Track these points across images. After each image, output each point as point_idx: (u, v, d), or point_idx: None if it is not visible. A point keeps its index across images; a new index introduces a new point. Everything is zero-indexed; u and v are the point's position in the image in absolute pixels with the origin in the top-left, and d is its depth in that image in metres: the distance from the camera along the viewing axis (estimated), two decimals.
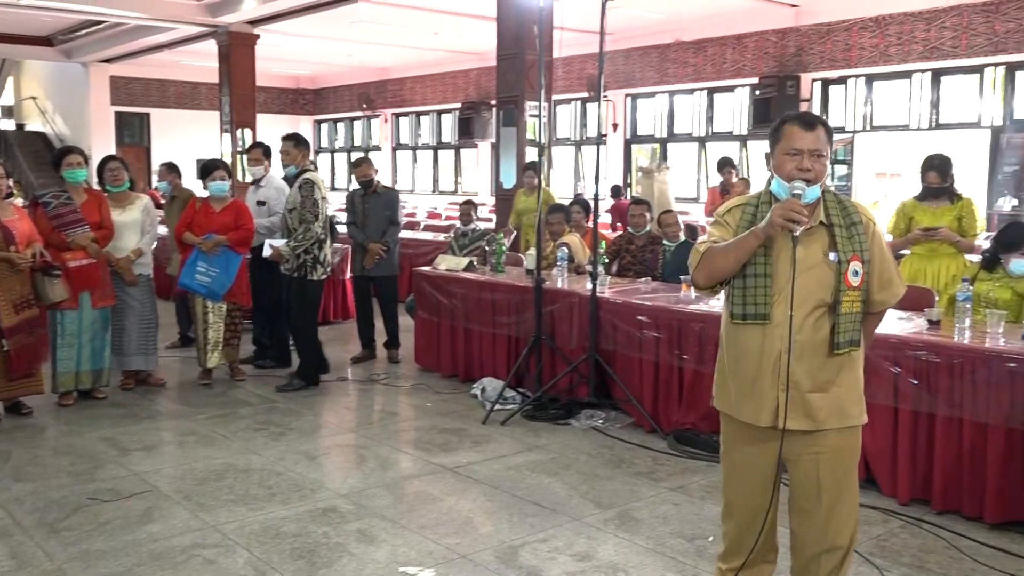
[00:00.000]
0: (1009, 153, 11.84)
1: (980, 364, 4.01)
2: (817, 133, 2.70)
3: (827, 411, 2.74)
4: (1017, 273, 4.79)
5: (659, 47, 15.39)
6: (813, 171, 2.67)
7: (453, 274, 6.83)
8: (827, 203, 2.75)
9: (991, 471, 3.99)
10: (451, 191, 20.44)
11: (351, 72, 22.12)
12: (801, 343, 2.69)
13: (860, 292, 2.72)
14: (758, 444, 2.82)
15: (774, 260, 2.72)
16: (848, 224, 2.73)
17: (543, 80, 6.38)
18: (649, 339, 5.38)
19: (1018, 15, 11.15)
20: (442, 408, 6.04)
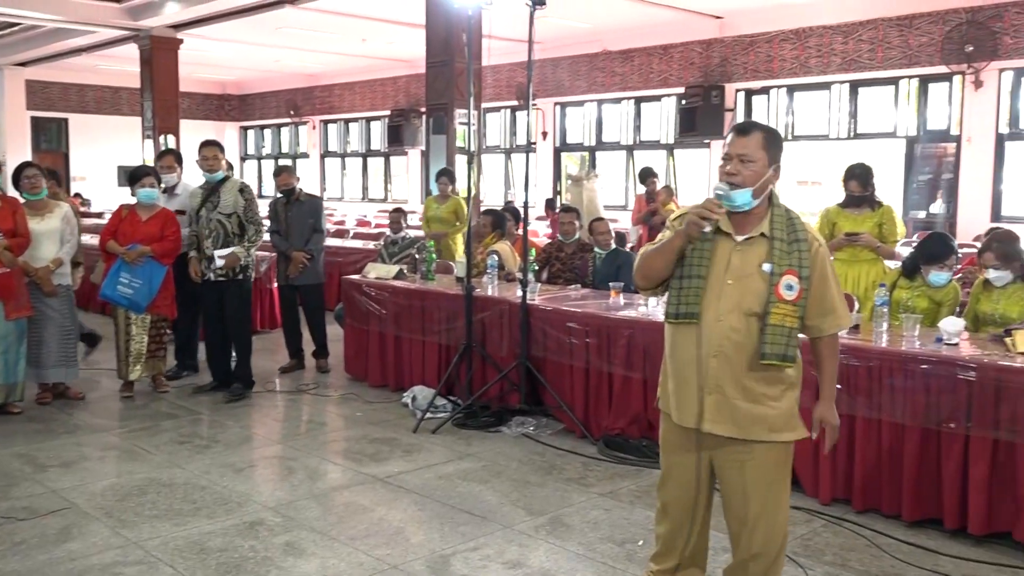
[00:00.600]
0: (923, 163, 12.27)
1: (897, 367, 4.14)
2: (750, 139, 2.74)
3: (754, 422, 2.76)
4: (936, 284, 4.96)
5: (587, 56, 15.55)
6: (740, 175, 2.72)
7: (383, 282, 6.78)
8: (775, 217, 2.78)
9: (908, 470, 4.12)
10: (381, 199, 20.31)
11: (278, 78, 21.84)
12: (728, 349, 2.73)
13: (796, 308, 2.72)
14: (688, 445, 2.86)
15: (711, 264, 2.77)
16: (791, 239, 2.75)
17: (472, 88, 6.39)
18: (579, 345, 5.42)
19: (930, 29, 11.59)
20: (372, 417, 5.99)
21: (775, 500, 2.83)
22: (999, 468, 3.88)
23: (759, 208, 2.78)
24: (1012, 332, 4.12)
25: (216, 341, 6.57)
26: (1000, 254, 4.66)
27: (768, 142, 2.75)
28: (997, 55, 10.97)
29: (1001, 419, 3.84)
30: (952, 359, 4.03)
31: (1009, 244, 4.70)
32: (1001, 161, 11.30)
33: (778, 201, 2.81)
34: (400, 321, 6.56)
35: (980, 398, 3.90)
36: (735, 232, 2.78)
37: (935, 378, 4.03)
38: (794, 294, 2.71)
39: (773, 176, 2.77)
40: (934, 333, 4.41)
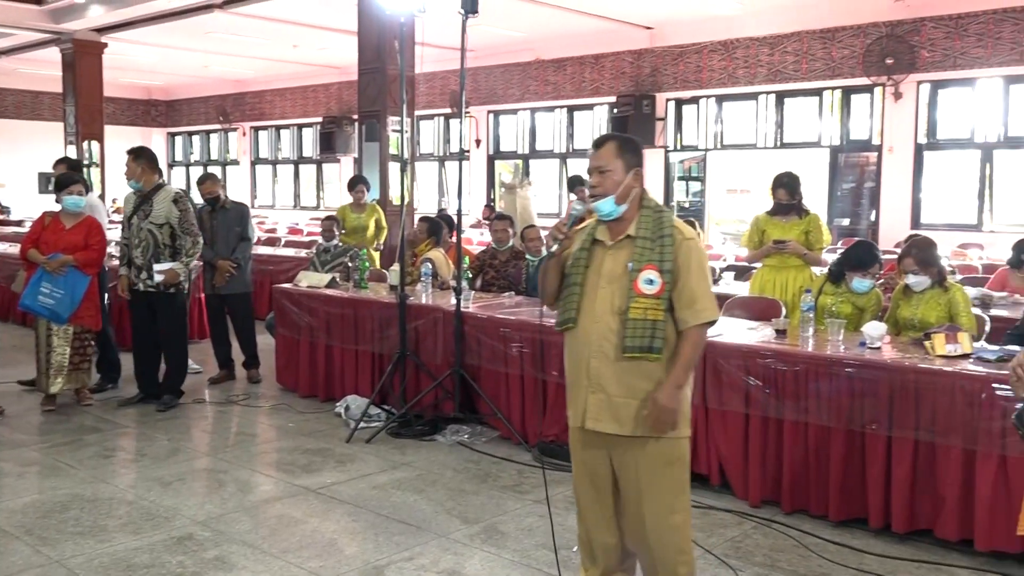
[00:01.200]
0: (846, 171, 12.62)
1: (822, 371, 4.25)
2: (604, 150, 2.92)
3: (638, 417, 2.87)
4: (859, 291, 5.11)
5: (520, 65, 15.63)
6: (600, 186, 2.90)
7: (315, 291, 6.72)
8: (642, 218, 2.93)
9: (834, 471, 4.22)
10: (313, 206, 20.10)
11: (207, 83, 21.47)
12: (607, 348, 2.87)
13: (659, 301, 2.83)
14: (582, 446, 3.00)
15: (588, 271, 2.94)
16: (656, 236, 2.88)
17: (405, 95, 6.38)
18: (513, 353, 5.43)
19: (852, 42, 11.94)
20: (304, 428, 5.92)
21: (670, 500, 2.91)
22: (920, 468, 4.00)
23: (629, 212, 2.94)
24: (931, 336, 4.25)
25: (144, 353, 6.42)
26: (918, 260, 4.81)
27: (622, 149, 2.92)
28: (915, 68, 11.35)
29: (921, 420, 3.96)
30: (874, 363, 4.15)
31: (927, 250, 4.86)
32: (920, 170, 11.69)
33: (650, 203, 2.96)
34: (333, 330, 6.50)
35: (901, 400, 4.02)
36: (609, 239, 2.95)
37: (858, 381, 4.14)
38: (655, 288, 2.83)
39: (634, 180, 2.92)
40: (858, 338, 4.54)
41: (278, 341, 7.01)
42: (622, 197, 2.91)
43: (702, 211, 14.00)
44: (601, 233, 2.96)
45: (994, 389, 3.77)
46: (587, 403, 2.91)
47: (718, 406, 4.58)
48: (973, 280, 7.03)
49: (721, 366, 4.54)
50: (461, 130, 5.97)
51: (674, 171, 14.32)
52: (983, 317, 5.07)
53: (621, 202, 2.91)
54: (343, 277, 7.14)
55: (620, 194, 2.90)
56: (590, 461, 2.99)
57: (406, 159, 6.74)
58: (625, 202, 2.92)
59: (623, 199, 2.91)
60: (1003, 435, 3.72)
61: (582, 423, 2.93)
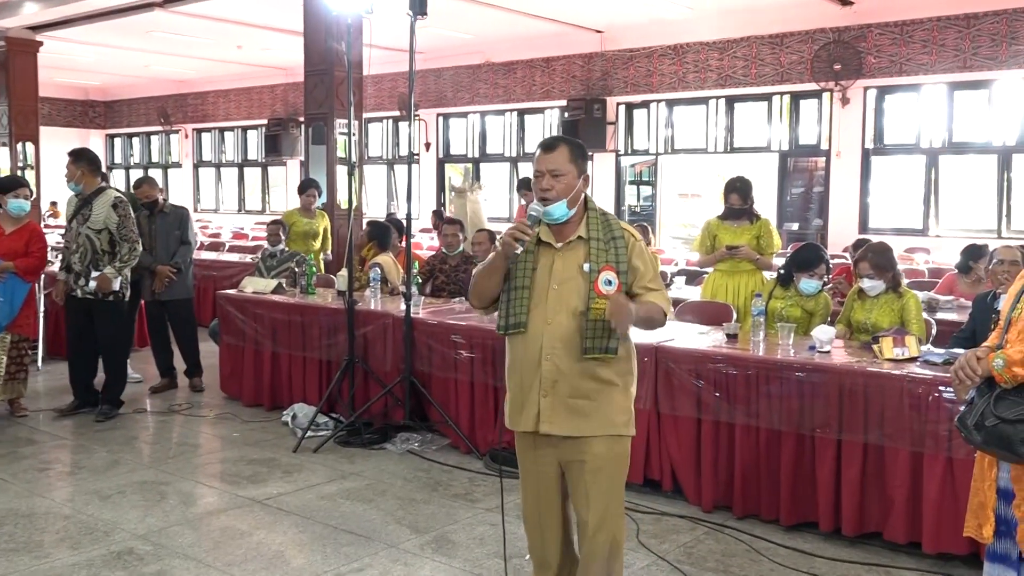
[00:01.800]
0: (795, 176, 12.84)
1: (773, 374, 4.31)
2: (557, 154, 2.92)
3: (589, 418, 2.91)
4: (807, 292, 5.20)
5: (470, 67, 15.64)
6: (553, 189, 2.90)
7: (260, 297, 6.64)
8: (590, 220, 2.97)
9: (784, 476, 4.29)
10: (258, 210, 19.88)
11: (148, 84, 21.11)
12: (559, 349, 2.89)
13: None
14: (533, 451, 3.01)
15: (536, 273, 2.94)
16: (608, 238, 2.93)
17: (352, 97, 6.34)
18: (464, 359, 5.42)
19: (800, 48, 12.15)
20: (250, 438, 5.84)
21: (616, 499, 2.97)
22: (869, 471, 4.08)
23: (575, 216, 2.96)
24: (880, 339, 4.34)
25: (80, 361, 6.29)
26: (874, 264, 4.91)
27: (575, 154, 2.95)
28: (862, 73, 11.59)
29: (870, 423, 4.04)
30: (824, 366, 4.22)
31: (883, 255, 4.95)
32: (867, 175, 11.92)
33: (594, 205, 3.01)
34: (279, 337, 6.43)
35: (850, 403, 4.09)
36: (555, 240, 2.96)
37: (808, 385, 4.21)
38: (613, 288, 2.88)
39: (583, 185, 2.96)
40: (807, 341, 4.61)
41: (222, 348, 6.91)
42: (573, 201, 2.93)
43: (653, 215, 14.12)
44: (546, 235, 2.97)
45: (940, 392, 3.86)
46: (540, 406, 2.92)
47: (670, 411, 4.62)
48: (919, 284, 7.18)
49: (672, 371, 4.58)
50: (410, 133, 5.95)
51: (625, 175, 14.43)
52: (930, 321, 5.19)
53: (572, 206, 2.93)
54: (289, 283, 7.07)
55: (572, 198, 2.92)
56: (542, 466, 3.00)
57: (354, 162, 6.70)
58: (575, 206, 2.95)
59: (574, 203, 2.94)
60: (949, 437, 3.80)
61: (535, 427, 2.94)
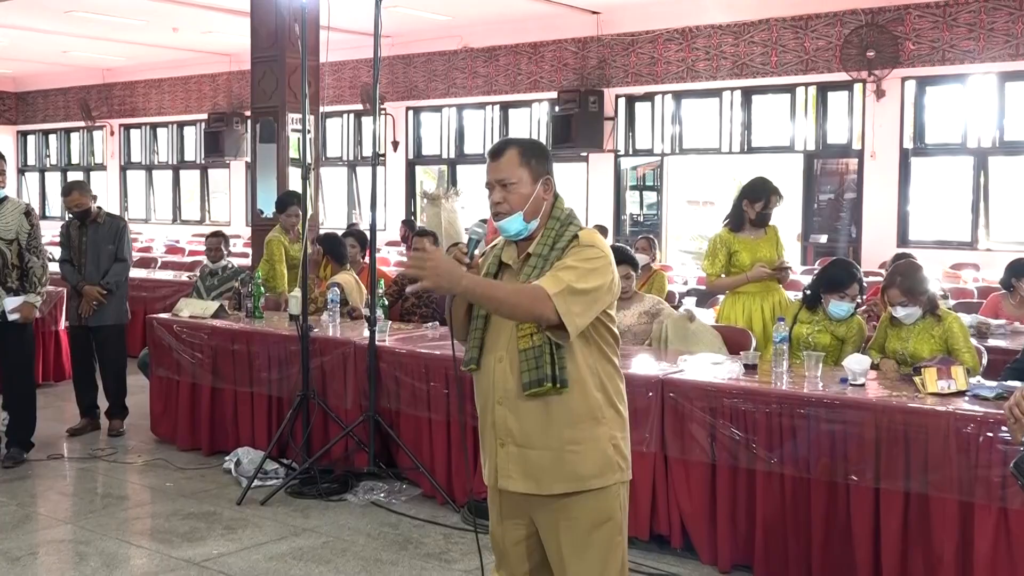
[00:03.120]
0: (823, 181, 12.92)
1: (798, 412, 4.32)
2: (504, 160, 2.87)
3: (555, 472, 2.82)
4: (837, 316, 5.22)
5: (445, 54, 15.71)
6: (506, 202, 2.86)
7: (199, 321, 6.63)
8: (545, 234, 2.89)
9: (815, 530, 4.29)
10: (196, 220, 19.85)
11: (67, 73, 21.09)
12: (511, 390, 2.83)
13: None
14: (504, 510, 2.96)
15: None
16: (549, 251, 2.84)
17: (308, 88, 6.35)
18: (439, 395, 5.42)
19: (827, 32, 12.27)
20: (186, 488, 5.82)
21: (599, 569, 2.87)
22: (912, 523, 4.08)
23: (539, 230, 2.91)
24: (922, 370, 4.35)
25: None
26: (904, 290, 4.91)
27: (526, 156, 2.88)
28: (899, 62, 11.71)
29: (912, 469, 4.05)
30: (858, 402, 4.23)
31: (912, 277, 4.95)
32: (907, 179, 12.00)
33: (560, 213, 2.91)
34: (220, 369, 6.41)
35: (889, 446, 4.10)
36: (514, 260, 2.93)
37: (840, 424, 4.22)
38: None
39: (544, 192, 2.88)
40: (838, 373, 4.63)
41: (153, 383, 6.89)
42: (532, 213, 2.88)
43: (659, 226, 14.19)
44: (508, 254, 2.95)
45: (992, 432, 3.87)
46: (497, 458, 2.88)
47: (679, 455, 4.62)
48: (967, 306, 7.22)
49: (683, 408, 4.59)
50: (375, 130, 5.97)
51: (625, 179, 14.51)
52: (980, 349, 5.21)
53: (531, 218, 2.88)
54: (233, 305, 7.06)
55: (529, 209, 2.87)
56: (508, 530, 2.96)
57: (309, 164, 6.70)
58: (535, 217, 2.89)
59: (533, 214, 2.88)
60: (1003, 485, 3.82)
61: (492, 481, 2.91)
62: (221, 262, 8.11)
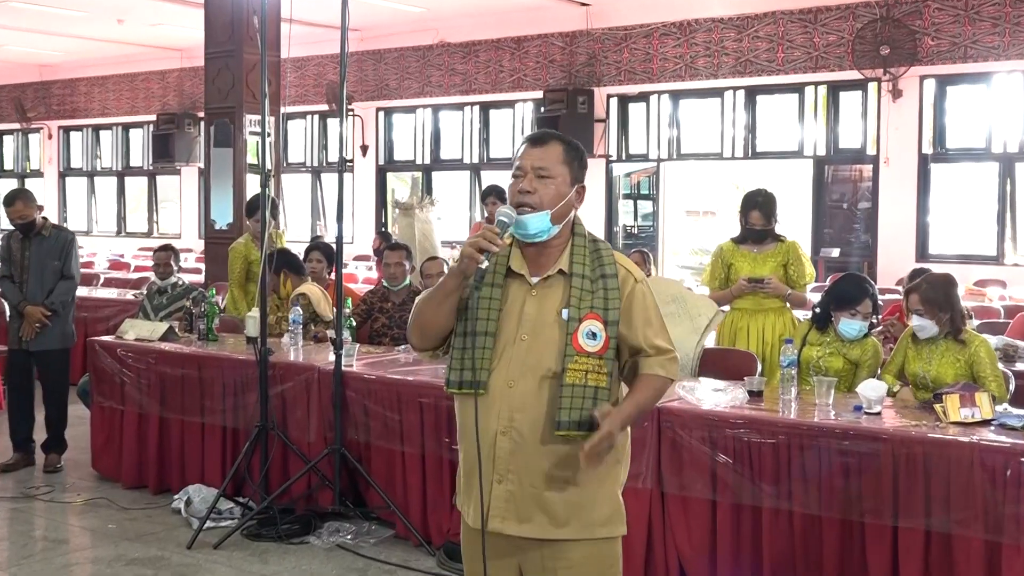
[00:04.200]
0: (835, 189, 12.99)
1: (808, 443, 4.33)
2: (548, 149, 2.87)
3: (563, 516, 2.81)
4: (848, 336, 5.24)
5: (419, 49, 15.74)
6: (537, 193, 2.82)
7: (145, 345, 6.61)
8: (575, 248, 2.88)
9: (827, 573, 4.29)
10: (143, 232, 19.79)
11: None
12: (522, 423, 2.80)
13: (601, 362, 2.80)
14: (486, 556, 2.87)
15: (502, 315, 2.85)
16: (597, 276, 2.84)
17: (267, 87, 6.36)
18: (412, 425, 5.41)
19: (839, 27, 12.36)
20: (130, 530, 5.80)
21: None
22: (933, 565, 4.10)
23: (559, 239, 2.89)
24: (943, 397, 4.38)
25: None
26: (926, 299, 4.94)
27: (571, 156, 2.90)
28: (917, 59, 11.79)
29: (933, 505, 4.07)
30: (873, 432, 4.26)
31: (940, 289, 4.98)
32: (926, 187, 12.06)
33: (582, 229, 2.94)
34: (169, 397, 6.39)
35: (908, 480, 4.12)
36: (530, 272, 2.88)
37: (854, 456, 4.24)
38: (598, 344, 2.80)
39: (576, 199, 2.91)
40: (852, 400, 4.65)
41: (95, 413, 6.86)
42: (560, 216, 2.86)
43: (654, 238, 14.24)
44: (518, 264, 2.89)
45: (1021, 464, 3.90)
46: (490, 496, 2.83)
47: (677, 491, 4.63)
48: (993, 326, 7.27)
49: (681, 440, 4.59)
50: (342, 133, 5.97)
51: (618, 187, 14.55)
52: (1007, 373, 5.22)
53: (557, 222, 2.86)
54: (184, 326, 7.04)
55: (558, 212, 2.85)
56: (498, 570, 2.89)
57: (269, 170, 6.71)
58: (561, 223, 2.88)
59: (560, 219, 2.87)
60: None
61: (482, 523, 2.84)
62: (170, 279, 8.08)
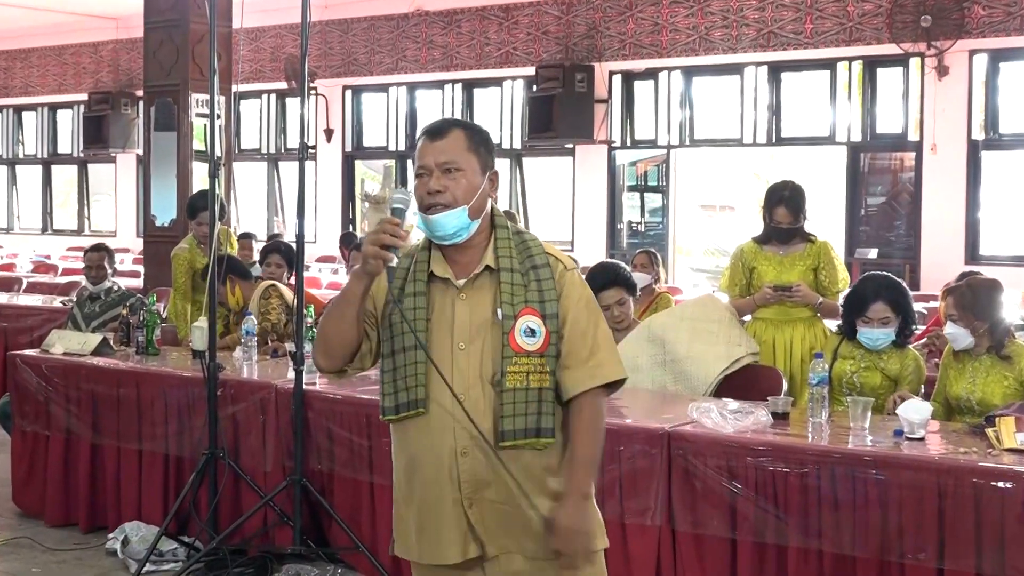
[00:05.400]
0: (872, 180, 12.99)
1: (841, 473, 4.33)
2: (448, 141, 2.96)
3: (538, 531, 2.90)
4: (872, 346, 5.22)
5: (392, 18, 15.74)
6: (447, 191, 2.90)
7: (75, 360, 6.60)
8: (498, 241, 2.97)
9: None
10: (72, 230, 19.75)
11: None
12: (479, 437, 2.88)
13: (544, 360, 2.92)
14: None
15: (431, 325, 2.93)
16: (527, 268, 2.94)
17: (216, 62, 6.35)
18: (384, 453, 5.37)
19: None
20: (58, 574, 5.78)
21: None
22: None
23: (479, 235, 2.99)
24: (997, 420, 4.38)
25: None
26: (962, 304, 4.95)
27: (475, 141, 2.99)
28: (966, 31, 11.79)
29: (984, 544, 4.06)
30: (916, 460, 4.25)
31: (978, 294, 4.98)
32: (976, 178, 12.04)
33: (503, 220, 3.06)
34: (103, 421, 6.38)
35: (955, 515, 4.12)
36: (455, 275, 2.97)
37: (894, 488, 4.23)
38: (538, 341, 2.90)
39: (490, 187, 3.02)
40: (892, 423, 4.65)
41: (15, 439, 6.85)
42: (477, 210, 2.96)
43: (664, 236, 14.22)
44: (440, 267, 2.99)
45: None
46: (469, 520, 2.92)
47: (690, 528, 4.62)
48: None
49: (694, 468, 4.59)
50: (303, 115, 5.96)
51: (622, 178, 14.56)
52: None
53: (476, 216, 2.96)
54: (120, 338, 7.02)
55: (475, 205, 2.95)
56: None
57: (219, 158, 6.69)
58: (479, 217, 2.98)
59: (478, 212, 2.97)
60: None
61: (464, 554, 2.92)
62: (104, 283, 8.08)
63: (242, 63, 15.37)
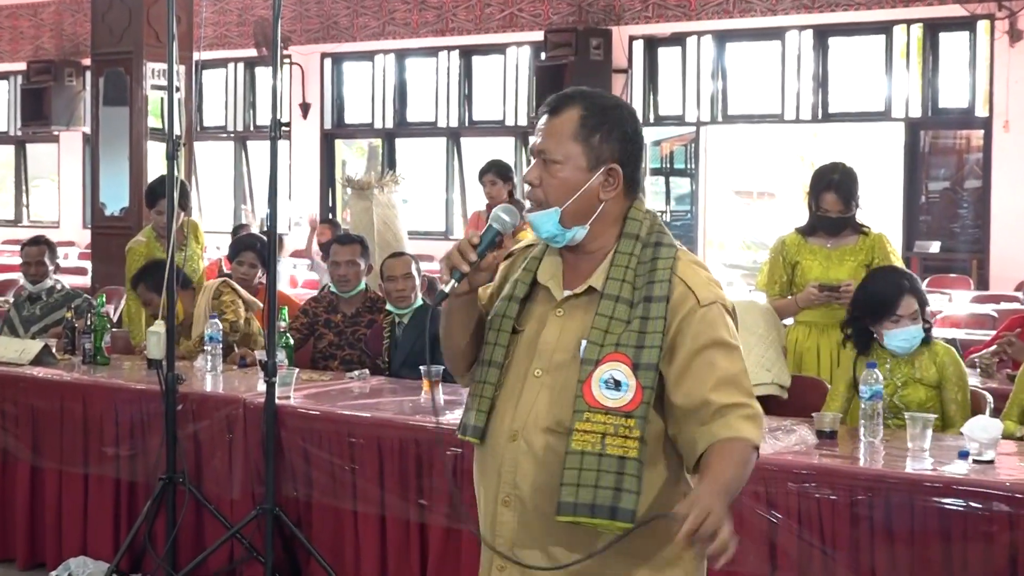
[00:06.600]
0: (934, 162, 12.98)
1: (897, 501, 4.33)
2: (557, 122, 2.75)
3: None
4: (899, 352, 5.14)
5: None
6: (540, 186, 2.74)
7: (12, 370, 6.61)
8: (618, 256, 2.74)
9: None
10: (9, 220, 19.81)
11: None
12: (526, 490, 2.72)
13: (629, 421, 2.62)
14: None
15: (516, 340, 2.77)
16: (641, 298, 2.69)
17: (175, 28, 6.35)
18: (369, 477, 5.41)
19: None
20: None
21: None
22: None
23: (600, 240, 2.77)
24: None
25: None
26: None
27: (590, 126, 2.75)
28: None
29: None
30: (985, 487, 4.24)
31: None
32: None
33: (638, 227, 2.80)
34: (44, 440, 6.38)
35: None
36: (560, 285, 2.78)
37: (958, 518, 4.23)
38: (624, 396, 2.63)
39: (603, 188, 2.76)
40: (953, 444, 4.65)
41: None
42: (575, 215, 2.73)
43: (693, 227, 14.24)
44: (547, 273, 2.80)
45: None
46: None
47: (728, 564, 4.62)
48: None
49: None
50: (276, 87, 5.97)
51: (645, 159, 14.54)
52: None
53: (573, 223, 2.74)
54: (64, 345, 7.04)
55: (571, 208, 2.72)
56: None
57: (178, 136, 6.70)
58: (585, 223, 2.75)
59: (577, 218, 2.74)
60: None
61: None
62: (46, 282, 8.08)
63: (205, 27, 15.40)
